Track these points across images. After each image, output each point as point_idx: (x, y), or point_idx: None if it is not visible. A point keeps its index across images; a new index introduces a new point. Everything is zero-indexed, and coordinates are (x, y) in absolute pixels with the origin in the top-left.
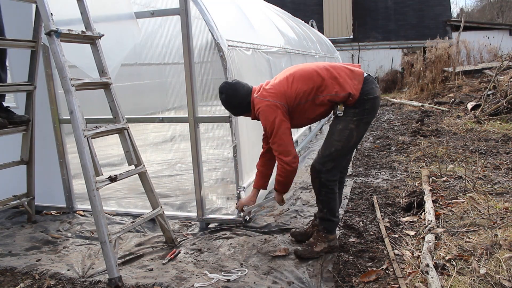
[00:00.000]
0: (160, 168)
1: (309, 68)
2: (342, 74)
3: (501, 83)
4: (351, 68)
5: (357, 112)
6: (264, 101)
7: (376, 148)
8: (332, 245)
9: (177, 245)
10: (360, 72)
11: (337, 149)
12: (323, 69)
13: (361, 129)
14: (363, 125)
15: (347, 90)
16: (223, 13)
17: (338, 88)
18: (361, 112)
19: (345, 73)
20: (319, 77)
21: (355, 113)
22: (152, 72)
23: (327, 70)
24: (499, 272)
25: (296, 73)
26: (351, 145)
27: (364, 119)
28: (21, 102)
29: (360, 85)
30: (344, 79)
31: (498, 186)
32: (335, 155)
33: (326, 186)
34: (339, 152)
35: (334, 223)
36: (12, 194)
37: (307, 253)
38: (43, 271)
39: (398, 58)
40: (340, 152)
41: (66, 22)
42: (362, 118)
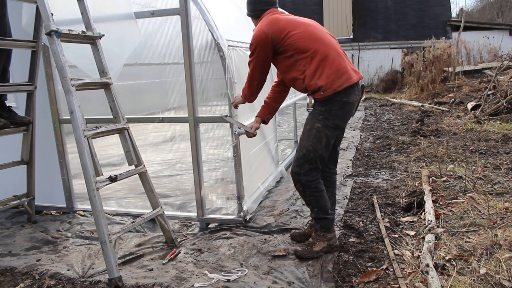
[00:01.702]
0: (160, 168)
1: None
2: (341, 63)
3: (501, 83)
4: (353, 68)
5: (323, 111)
6: (263, 26)
7: (376, 148)
8: (332, 243)
9: (177, 245)
10: (359, 77)
11: (308, 150)
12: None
13: (330, 132)
14: (331, 128)
15: (321, 81)
16: (223, 13)
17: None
18: (327, 112)
19: (342, 64)
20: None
21: (321, 112)
22: (152, 72)
23: (338, 52)
24: (499, 272)
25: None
26: (324, 146)
27: (330, 121)
28: (21, 102)
29: (337, 85)
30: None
31: (498, 186)
32: (308, 157)
33: (309, 186)
34: (311, 154)
35: (329, 220)
36: (12, 194)
37: (306, 253)
38: (43, 271)
39: (398, 58)
40: (313, 154)
41: (66, 22)
42: (328, 119)
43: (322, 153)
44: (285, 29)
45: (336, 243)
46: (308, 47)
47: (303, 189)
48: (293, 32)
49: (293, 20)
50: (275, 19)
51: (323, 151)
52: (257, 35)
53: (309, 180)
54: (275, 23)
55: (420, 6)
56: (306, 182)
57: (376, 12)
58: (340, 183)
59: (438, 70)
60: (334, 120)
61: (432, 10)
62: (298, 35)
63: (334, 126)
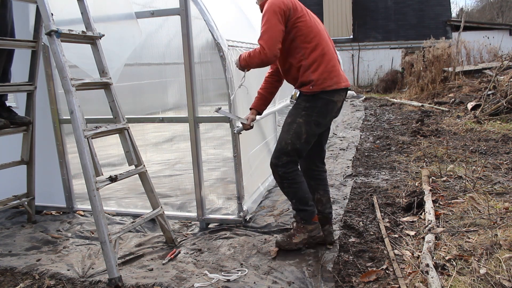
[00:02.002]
0: (160, 168)
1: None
2: (332, 63)
3: (501, 83)
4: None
5: (307, 107)
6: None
7: (376, 148)
8: (313, 235)
9: (177, 245)
10: (346, 84)
11: (286, 143)
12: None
13: (311, 128)
14: (313, 125)
15: (314, 76)
16: (223, 13)
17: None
18: (311, 108)
19: (334, 67)
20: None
21: (305, 107)
22: (152, 72)
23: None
24: (499, 272)
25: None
26: (303, 142)
27: (313, 117)
28: (21, 102)
29: (328, 84)
30: (330, 67)
31: (498, 186)
32: (286, 150)
33: (286, 178)
34: (289, 147)
35: (308, 212)
36: (12, 194)
37: (285, 244)
38: (43, 271)
39: (398, 58)
40: (291, 147)
41: (66, 22)
42: (311, 115)
43: (300, 148)
44: (301, 10)
45: (319, 234)
46: (312, 38)
47: (280, 180)
48: (306, 18)
49: (304, 7)
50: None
51: (301, 146)
52: (276, 3)
53: (286, 172)
54: (292, 0)
55: (420, 6)
56: (283, 174)
57: (376, 12)
58: (340, 183)
59: (438, 70)
60: (317, 117)
61: (432, 10)
62: (309, 22)
63: (316, 123)
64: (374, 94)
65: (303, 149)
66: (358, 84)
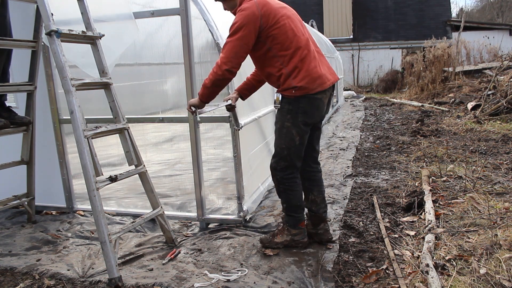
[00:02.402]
0: (160, 168)
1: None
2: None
3: (501, 83)
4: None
5: (291, 109)
6: (253, 6)
7: (376, 148)
8: (297, 239)
9: (177, 245)
10: (335, 78)
11: (281, 148)
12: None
13: (301, 129)
14: (302, 126)
15: (295, 82)
16: (223, 13)
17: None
18: (294, 111)
19: (320, 66)
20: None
21: (289, 110)
22: (152, 72)
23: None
24: (499, 272)
25: (290, 22)
26: (298, 144)
27: (299, 119)
28: (21, 102)
29: (310, 88)
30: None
31: (498, 186)
32: (282, 154)
33: (283, 183)
34: (285, 151)
35: (295, 218)
36: (12, 194)
37: (266, 242)
38: (43, 271)
39: (398, 58)
40: (288, 151)
41: (66, 22)
42: (296, 117)
43: (296, 151)
44: (275, 16)
45: (303, 239)
46: (289, 45)
47: (277, 184)
48: (280, 23)
49: (279, 9)
50: (265, 2)
51: (297, 149)
52: (246, 14)
53: (283, 177)
54: (265, 5)
55: (420, 6)
56: (281, 179)
57: (376, 12)
58: (340, 183)
59: (438, 70)
60: (303, 117)
61: (432, 10)
62: (284, 28)
63: (304, 123)
64: (374, 94)
65: (299, 151)
66: (358, 84)
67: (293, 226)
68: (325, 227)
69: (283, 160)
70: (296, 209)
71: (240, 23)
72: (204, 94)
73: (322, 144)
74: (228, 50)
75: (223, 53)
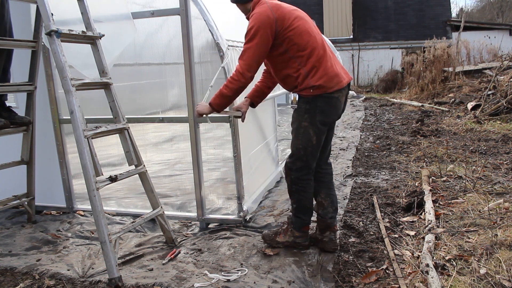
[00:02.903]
0: (160, 168)
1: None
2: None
3: (501, 83)
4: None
5: (308, 109)
6: (267, 10)
7: (376, 148)
8: (298, 242)
9: (177, 245)
10: (348, 79)
11: (298, 148)
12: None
13: (318, 129)
14: (319, 125)
15: (314, 82)
16: (223, 13)
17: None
18: (312, 110)
19: (335, 67)
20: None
21: (306, 110)
22: (152, 72)
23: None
24: (499, 272)
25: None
26: (315, 144)
27: (317, 118)
28: (21, 102)
29: (329, 87)
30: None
31: (498, 186)
32: (299, 154)
33: (297, 184)
34: (302, 151)
35: (302, 221)
36: (12, 194)
37: (268, 238)
38: (43, 271)
39: (398, 58)
40: (305, 151)
41: (66, 22)
42: (314, 117)
43: (313, 151)
44: (289, 18)
45: (305, 242)
46: (306, 45)
47: (290, 183)
48: (295, 25)
49: (292, 12)
50: (278, 5)
51: (314, 148)
52: (261, 19)
53: (298, 178)
54: (279, 8)
55: (420, 6)
56: (295, 179)
57: (376, 12)
58: (340, 183)
59: (438, 70)
60: (320, 117)
61: (432, 10)
62: (299, 29)
63: (322, 122)
64: (374, 94)
65: (315, 151)
66: (358, 84)
67: (298, 229)
68: (330, 235)
69: (299, 161)
70: (305, 211)
71: (256, 27)
72: (220, 103)
73: None
74: (249, 57)
75: (244, 60)
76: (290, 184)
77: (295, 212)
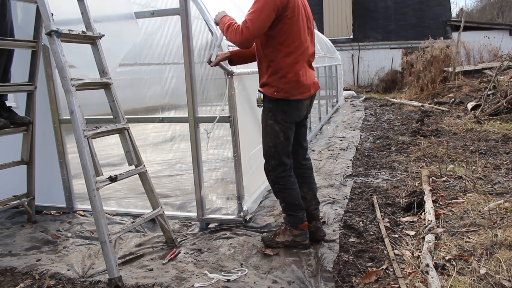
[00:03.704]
0: (160, 168)
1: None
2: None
3: (501, 83)
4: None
5: (271, 107)
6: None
7: (376, 148)
8: (298, 240)
9: (177, 245)
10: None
11: (269, 146)
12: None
13: (284, 126)
14: (284, 122)
15: (279, 83)
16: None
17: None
18: (274, 109)
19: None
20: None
21: (270, 109)
22: (152, 72)
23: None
24: (499, 272)
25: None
26: (283, 141)
27: (278, 117)
28: (21, 102)
29: (291, 94)
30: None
31: (498, 186)
32: (270, 152)
33: (277, 183)
34: (272, 149)
35: (296, 217)
36: (12, 194)
37: (267, 240)
38: (43, 271)
39: (398, 58)
40: (275, 149)
41: (65, 22)
42: (276, 115)
43: (283, 147)
44: (293, 11)
45: (304, 241)
46: (289, 44)
47: (272, 184)
48: (293, 20)
49: (300, 6)
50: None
51: (283, 144)
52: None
53: (277, 177)
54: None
55: (420, 6)
56: (275, 179)
57: (376, 12)
58: (340, 183)
59: (438, 70)
60: (282, 116)
61: (432, 10)
62: (291, 26)
63: (284, 121)
64: (374, 94)
65: (285, 147)
66: (358, 84)
67: (294, 226)
68: (317, 224)
69: (272, 159)
70: (295, 208)
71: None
72: (224, 26)
73: (322, 144)
74: (253, 17)
75: (249, 17)
76: (272, 185)
77: (285, 210)
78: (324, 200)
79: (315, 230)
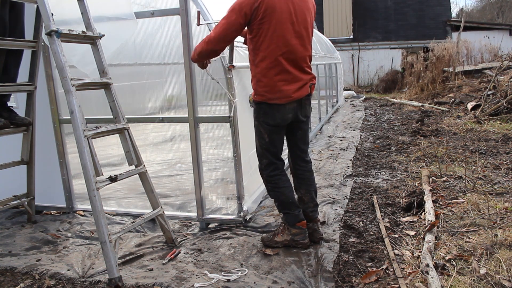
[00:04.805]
0: (160, 168)
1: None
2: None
3: (501, 83)
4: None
5: (256, 109)
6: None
7: (376, 148)
8: (297, 239)
9: (177, 245)
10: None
11: (256, 145)
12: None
13: (266, 127)
14: (266, 125)
15: (257, 86)
16: (223, 13)
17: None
18: (257, 110)
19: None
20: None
21: (255, 110)
22: (152, 72)
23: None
24: (499, 272)
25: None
26: (268, 142)
27: (261, 119)
28: (21, 102)
29: (268, 97)
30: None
31: (498, 186)
32: (260, 152)
33: (270, 181)
34: (260, 149)
35: (292, 215)
36: (12, 194)
37: (267, 240)
38: (43, 271)
39: (398, 58)
40: (261, 149)
41: (65, 22)
42: (259, 117)
43: (268, 148)
44: (268, 14)
45: (304, 240)
46: (265, 49)
47: (266, 183)
48: (266, 25)
49: (282, 6)
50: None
51: (268, 146)
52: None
53: (269, 176)
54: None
55: (420, 6)
56: (267, 177)
57: (376, 12)
58: (340, 183)
59: (438, 70)
60: (264, 118)
61: (432, 10)
62: (266, 31)
63: (266, 123)
64: (374, 94)
65: (271, 147)
66: (358, 84)
67: (292, 225)
68: (314, 226)
69: (262, 157)
70: (289, 206)
71: (234, 5)
72: (194, 54)
73: (322, 144)
74: (218, 26)
75: (214, 31)
76: (266, 184)
77: (280, 209)
78: (324, 200)
79: (312, 232)
